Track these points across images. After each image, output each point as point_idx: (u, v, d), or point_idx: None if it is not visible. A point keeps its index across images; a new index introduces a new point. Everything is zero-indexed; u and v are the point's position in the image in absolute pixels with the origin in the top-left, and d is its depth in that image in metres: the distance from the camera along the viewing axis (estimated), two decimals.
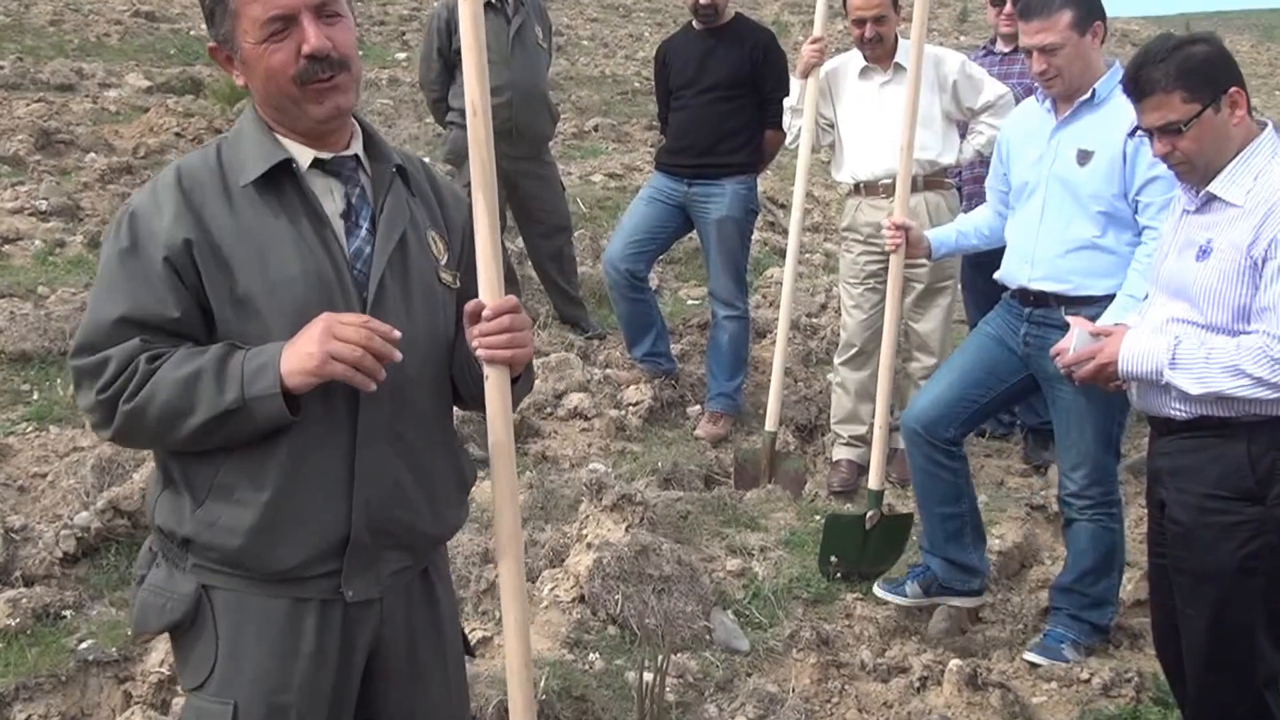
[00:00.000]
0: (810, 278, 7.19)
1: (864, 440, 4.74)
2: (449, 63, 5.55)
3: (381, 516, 1.84)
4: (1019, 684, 3.48)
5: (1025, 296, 3.52)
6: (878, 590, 3.80)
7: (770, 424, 4.71)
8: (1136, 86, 2.63)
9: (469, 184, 5.91)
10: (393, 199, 1.91)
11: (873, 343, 4.78)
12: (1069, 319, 3.08)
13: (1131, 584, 3.91)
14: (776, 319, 4.86)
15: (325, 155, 1.86)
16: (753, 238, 6.94)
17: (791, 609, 3.78)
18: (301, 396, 1.72)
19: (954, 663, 3.39)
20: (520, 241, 6.18)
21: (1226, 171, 2.60)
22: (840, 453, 4.85)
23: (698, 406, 5.29)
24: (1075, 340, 2.88)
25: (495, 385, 1.93)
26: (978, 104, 4.56)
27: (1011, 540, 4.24)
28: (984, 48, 5.45)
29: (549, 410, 5.02)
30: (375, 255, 1.86)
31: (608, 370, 5.42)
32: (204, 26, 1.88)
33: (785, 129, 4.90)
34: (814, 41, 4.62)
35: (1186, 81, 2.55)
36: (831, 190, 8.91)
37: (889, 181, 4.57)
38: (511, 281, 5.84)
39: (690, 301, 6.67)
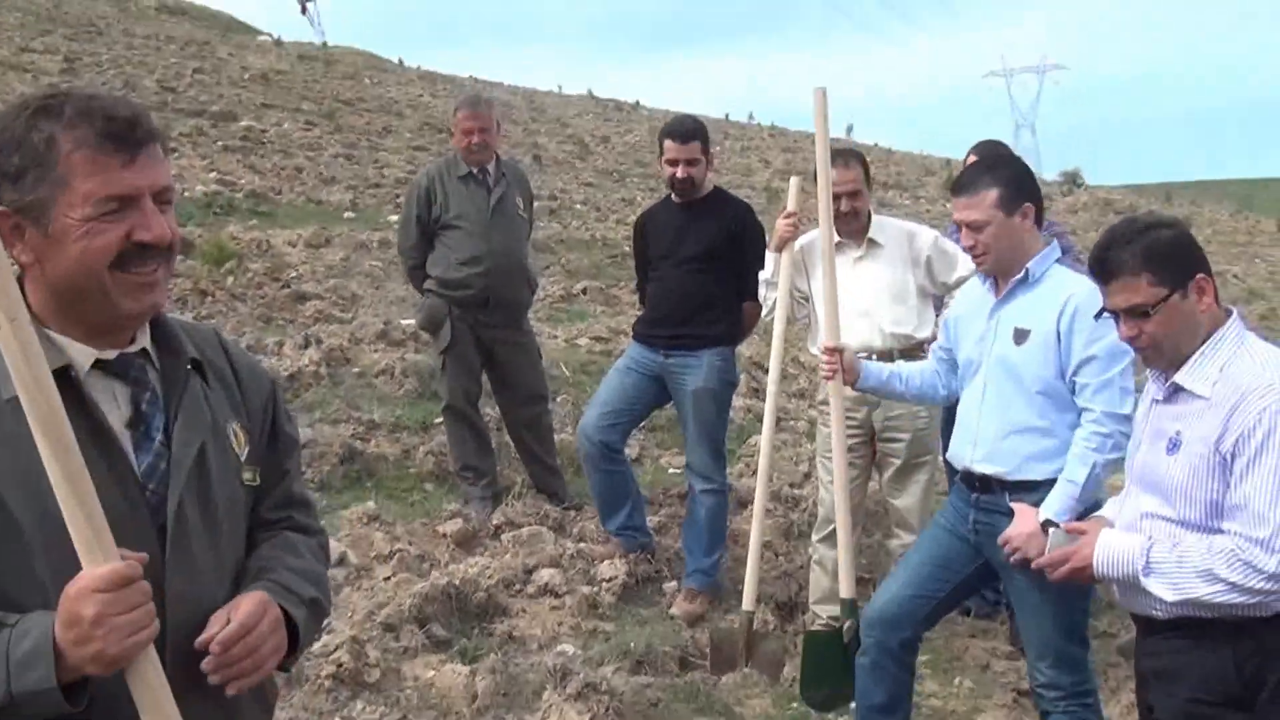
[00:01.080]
0: (794, 445, 7.09)
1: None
2: (427, 230, 5.58)
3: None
4: None
5: (971, 481, 3.45)
6: None
7: (747, 603, 4.54)
8: (1103, 268, 2.60)
9: (444, 350, 5.88)
10: (189, 400, 1.67)
11: (852, 518, 4.66)
12: (1013, 505, 3.02)
13: None
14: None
15: (109, 355, 1.61)
16: (737, 405, 6.92)
17: None
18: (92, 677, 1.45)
19: None
20: (496, 409, 6.11)
21: (1192, 362, 2.56)
22: None
23: (674, 582, 5.12)
24: (1051, 540, 2.82)
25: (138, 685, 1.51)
26: (951, 279, 4.55)
27: None
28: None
29: (518, 587, 4.85)
30: (172, 474, 1.61)
31: (581, 544, 5.27)
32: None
33: (761, 300, 4.88)
34: (788, 216, 4.63)
35: (1154, 265, 2.52)
36: (816, 358, 8.89)
37: (864, 355, 4.52)
38: None
39: (671, 471, 6.55)
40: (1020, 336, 3.31)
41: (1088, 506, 3.09)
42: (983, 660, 4.66)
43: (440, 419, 6.11)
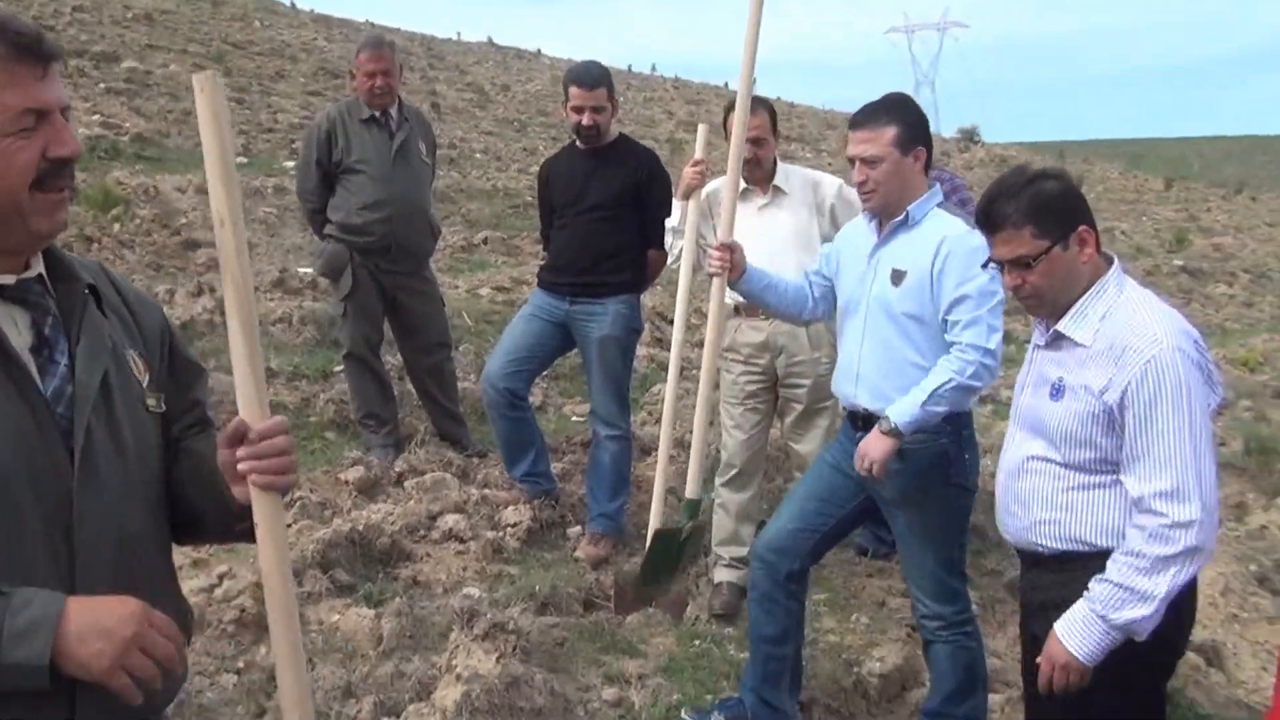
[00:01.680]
0: (695, 394, 7.15)
1: (745, 562, 4.67)
2: (328, 173, 5.49)
3: (107, 709, 1.55)
4: None
5: (854, 419, 3.56)
6: (685, 717, 3.77)
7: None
8: (989, 219, 2.67)
9: (345, 297, 5.80)
10: (89, 324, 1.67)
11: (754, 464, 4.75)
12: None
13: (1010, 706, 3.88)
14: (660, 436, 4.79)
15: (8, 280, 1.59)
16: (640, 354, 6.97)
17: None
18: (9, 568, 1.47)
19: None
20: (399, 356, 6.07)
21: (1074, 310, 2.64)
22: (721, 574, 4.77)
23: (578, 527, 5.18)
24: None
25: (267, 514, 1.70)
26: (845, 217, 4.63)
27: (892, 662, 4.19)
28: None
29: (422, 533, 4.86)
30: (78, 397, 1.61)
31: (486, 490, 5.29)
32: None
33: (667, 249, 4.92)
34: (695, 164, 4.66)
35: (1038, 217, 2.59)
36: None
37: None
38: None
39: (574, 419, 6.59)
40: (897, 278, 3.40)
41: None
42: (878, 598, 4.82)
43: (340, 367, 6.05)
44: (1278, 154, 50.80)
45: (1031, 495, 2.73)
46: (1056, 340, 2.69)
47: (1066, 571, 2.68)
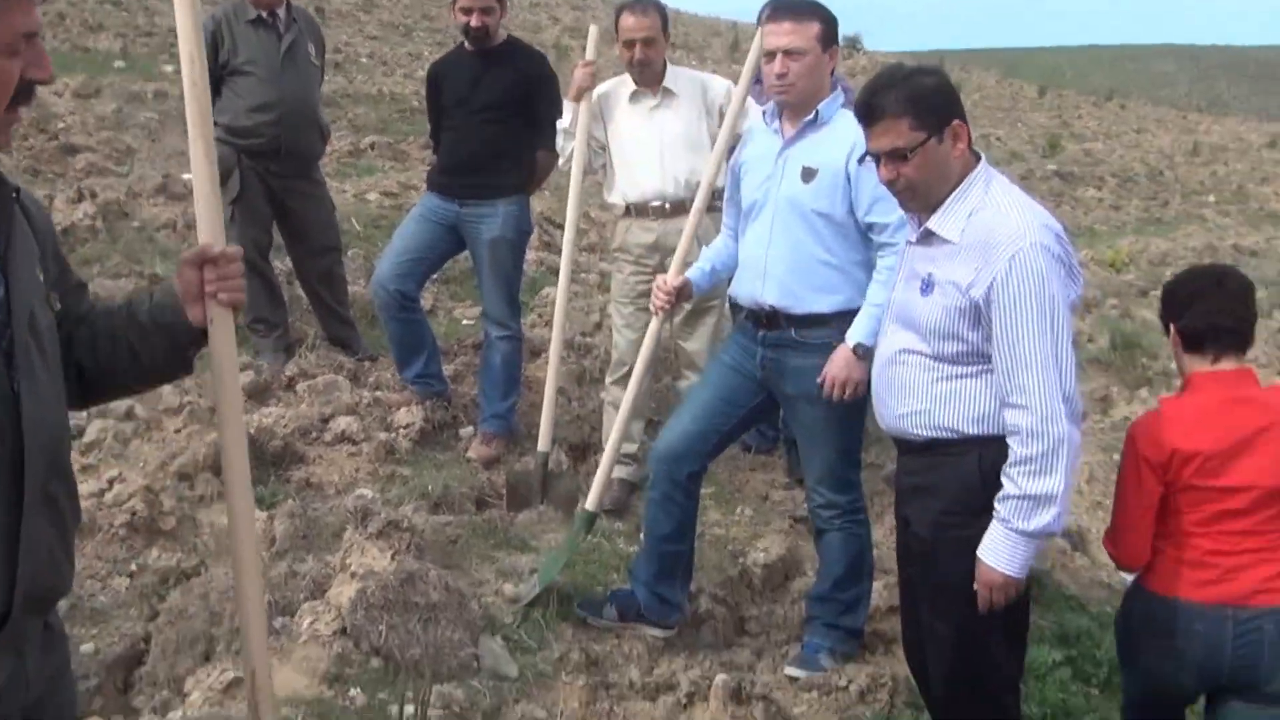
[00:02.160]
0: (585, 297, 7.23)
1: (635, 458, 4.79)
2: (212, 75, 5.31)
3: (39, 588, 1.65)
4: (781, 695, 3.57)
5: (758, 318, 3.62)
6: (578, 611, 3.85)
7: (543, 444, 4.69)
8: (868, 111, 2.73)
9: (233, 201, 5.67)
10: (19, 231, 1.68)
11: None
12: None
13: (887, 591, 4.08)
14: (551, 338, 4.86)
15: None
16: (529, 258, 6.96)
17: (561, 631, 3.77)
18: None
19: (720, 678, 3.46)
20: (289, 260, 5.98)
21: (944, 207, 2.72)
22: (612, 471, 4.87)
23: (471, 428, 5.23)
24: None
25: (223, 331, 1.95)
26: (743, 129, 4.67)
27: (775, 553, 4.37)
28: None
29: (314, 435, 4.85)
30: (16, 302, 1.63)
31: (378, 392, 5.29)
32: None
33: (558, 151, 4.92)
34: (586, 65, 4.66)
35: (914, 109, 2.66)
36: (608, 212, 8.99)
37: (659, 203, 4.65)
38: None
39: (465, 322, 6.60)
40: (808, 175, 3.46)
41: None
42: (762, 491, 5.00)
43: None
44: (1146, 62, 52.19)
45: (903, 386, 2.84)
46: (927, 237, 2.78)
47: (936, 457, 2.82)
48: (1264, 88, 49.68)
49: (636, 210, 4.73)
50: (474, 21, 4.87)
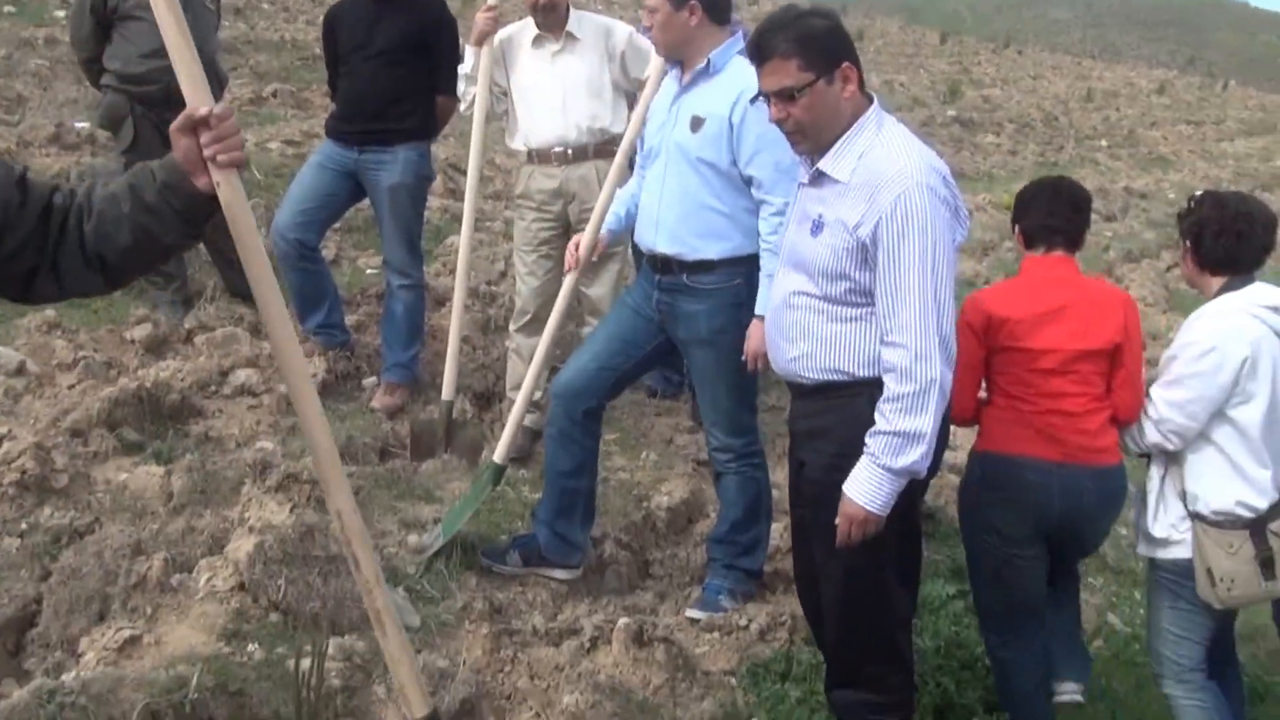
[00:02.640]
0: (490, 245, 7.17)
1: (539, 406, 4.80)
2: (102, 20, 5.12)
3: None
4: (683, 636, 3.64)
5: (654, 262, 3.65)
6: (482, 559, 3.88)
7: (447, 393, 4.68)
8: (758, 50, 2.74)
9: (126, 150, 5.47)
10: None
11: (546, 309, 4.81)
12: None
13: (787, 532, 4.16)
14: (455, 287, 4.82)
15: None
16: (433, 205, 6.89)
17: (465, 581, 3.78)
18: None
19: (622, 621, 3.50)
20: None
21: (835, 148, 2.74)
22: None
23: (374, 378, 5.18)
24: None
25: (233, 192, 1.95)
26: (644, 74, 4.65)
27: (679, 496, 4.43)
28: None
29: (213, 388, 4.76)
30: None
31: None
32: None
33: (459, 96, 4.85)
34: (488, 9, 4.59)
35: (804, 50, 2.67)
36: (513, 159, 8.91)
37: (561, 149, 4.63)
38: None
39: (369, 271, 6.50)
40: (696, 124, 3.47)
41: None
42: (666, 436, 5.04)
43: None
44: (1043, 8, 52.92)
45: (794, 328, 2.87)
46: (818, 178, 2.80)
47: (828, 400, 2.86)
48: (1154, 34, 50.74)
49: (539, 156, 4.69)
50: None
